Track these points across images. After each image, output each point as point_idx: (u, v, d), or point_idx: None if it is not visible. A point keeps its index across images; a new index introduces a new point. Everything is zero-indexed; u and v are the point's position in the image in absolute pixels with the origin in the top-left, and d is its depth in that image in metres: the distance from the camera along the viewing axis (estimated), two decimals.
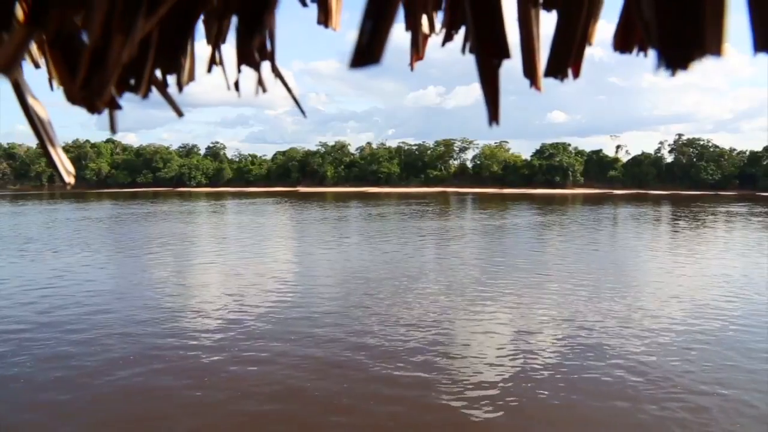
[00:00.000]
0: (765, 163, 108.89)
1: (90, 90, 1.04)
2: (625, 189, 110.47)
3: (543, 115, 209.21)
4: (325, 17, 1.27)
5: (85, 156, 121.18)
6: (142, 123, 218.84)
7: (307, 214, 54.28)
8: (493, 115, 1.06)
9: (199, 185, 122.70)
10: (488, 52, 1.03)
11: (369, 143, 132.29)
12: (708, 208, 61.62)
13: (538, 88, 1.12)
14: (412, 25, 1.24)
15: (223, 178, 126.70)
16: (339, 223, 45.76)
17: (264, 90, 1.31)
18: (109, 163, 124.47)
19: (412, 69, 1.40)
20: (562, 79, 1.11)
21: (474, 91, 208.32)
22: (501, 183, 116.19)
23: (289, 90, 1.33)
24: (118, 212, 56.27)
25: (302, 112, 1.43)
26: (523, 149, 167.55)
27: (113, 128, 1.20)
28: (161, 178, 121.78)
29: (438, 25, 1.36)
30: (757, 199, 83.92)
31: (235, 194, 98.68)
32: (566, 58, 1.09)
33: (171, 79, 1.21)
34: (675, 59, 0.89)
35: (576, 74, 1.12)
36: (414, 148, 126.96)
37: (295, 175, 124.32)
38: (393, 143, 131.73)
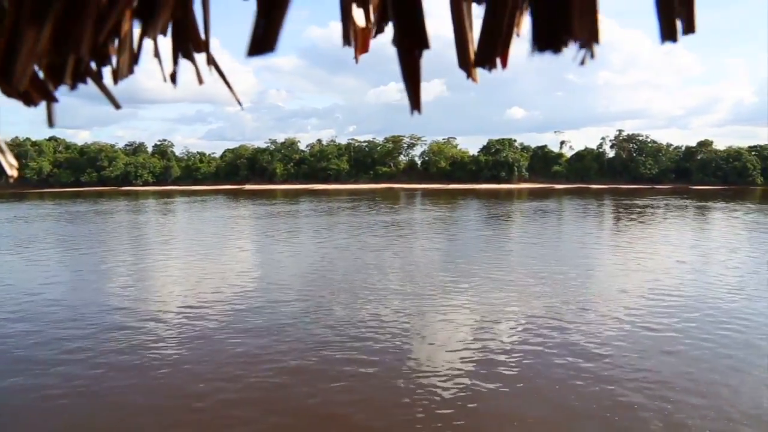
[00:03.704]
0: (699, 158, 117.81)
1: (7, 80, 1.06)
2: (569, 183, 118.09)
3: (502, 111, 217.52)
4: None
5: (26, 154, 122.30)
6: (96, 120, 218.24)
7: (254, 212, 58.61)
8: (415, 104, 1.15)
9: (146, 184, 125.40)
10: (409, 43, 1.11)
11: (319, 140, 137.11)
12: (644, 202, 69.64)
13: (473, 79, 1.18)
14: (344, 17, 1.29)
15: (171, 177, 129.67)
16: (289, 219, 50.02)
17: (201, 82, 1.37)
18: (51, 162, 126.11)
19: (356, 61, 1.46)
20: (490, 69, 1.16)
21: (435, 88, 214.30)
22: (448, 179, 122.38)
23: (226, 81, 1.38)
24: (59, 212, 59.35)
25: (239, 103, 1.50)
26: (481, 145, 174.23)
27: (50, 122, 1.25)
28: (106, 177, 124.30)
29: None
30: (690, 193, 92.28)
31: (181, 193, 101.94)
32: (493, 49, 1.13)
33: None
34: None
35: (504, 65, 1.16)
36: (364, 144, 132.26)
37: (244, 173, 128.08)
38: (343, 140, 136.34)
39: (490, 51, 1.15)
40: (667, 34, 1.13)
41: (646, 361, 12.73)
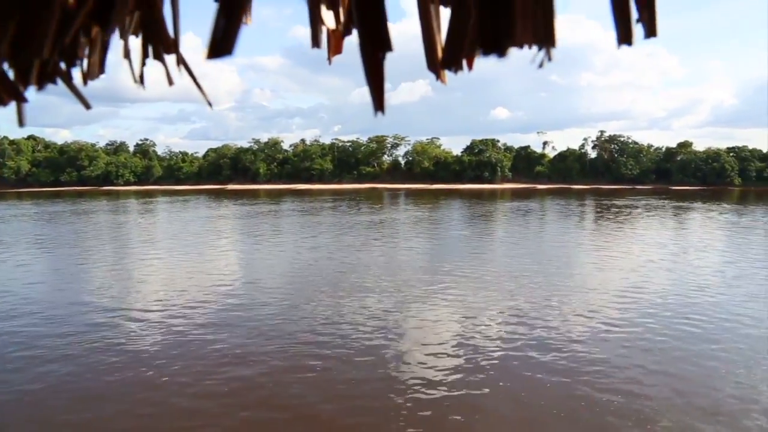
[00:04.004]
0: (679, 159, 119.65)
1: None
2: (551, 184, 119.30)
3: (487, 112, 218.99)
4: None
5: (3, 153, 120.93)
6: (77, 118, 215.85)
7: (237, 212, 58.62)
8: (378, 106, 1.18)
9: (127, 184, 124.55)
10: (372, 46, 1.13)
11: (303, 140, 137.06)
12: (622, 202, 70.60)
13: (442, 80, 1.21)
14: (312, 20, 1.31)
15: (153, 176, 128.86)
16: (272, 219, 50.03)
17: (170, 83, 1.38)
18: (30, 161, 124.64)
19: (329, 62, 1.47)
20: (455, 72, 1.18)
21: (420, 88, 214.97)
22: (432, 179, 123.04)
23: (196, 82, 1.38)
24: (37, 211, 58.91)
25: (209, 104, 1.50)
26: (466, 145, 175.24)
27: (20, 122, 1.25)
28: (87, 177, 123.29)
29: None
30: (670, 193, 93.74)
31: (163, 192, 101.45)
32: (459, 51, 1.15)
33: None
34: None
35: (470, 67, 1.18)
36: (347, 144, 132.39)
37: (227, 173, 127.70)
38: (328, 140, 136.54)
39: (456, 53, 1.16)
40: (623, 37, 1.17)
41: (601, 355, 13.18)
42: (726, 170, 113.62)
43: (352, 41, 1.33)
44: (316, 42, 1.35)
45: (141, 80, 1.36)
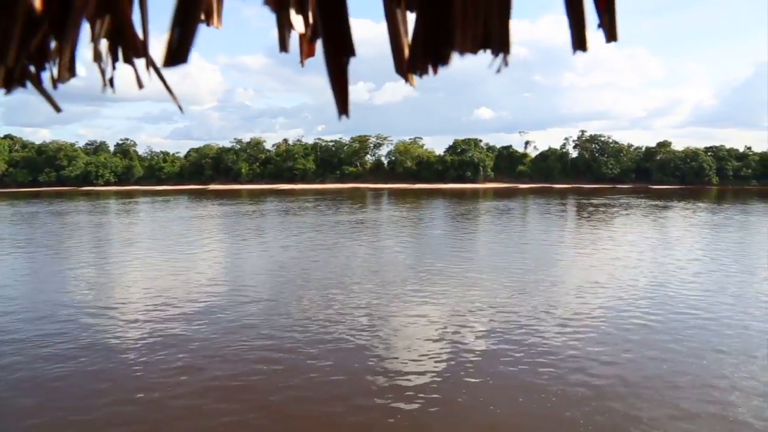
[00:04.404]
0: (658, 158, 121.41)
1: None
2: (533, 183, 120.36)
3: (470, 112, 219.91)
4: (206, 15, 1.32)
5: None
6: (56, 118, 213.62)
7: (217, 212, 58.54)
8: (342, 109, 1.19)
9: (107, 184, 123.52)
10: (335, 51, 1.15)
11: (285, 140, 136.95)
12: (600, 201, 71.52)
13: (411, 83, 1.22)
14: (279, 24, 1.33)
15: (134, 176, 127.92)
16: (253, 219, 49.99)
17: (140, 86, 1.38)
18: (7, 161, 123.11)
19: (302, 65, 1.48)
20: (421, 75, 1.19)
21: (403, 88, 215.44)
22: (415, 178, 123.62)
23: (166, 85, 1.38)
24: (12, 212, 58.37)
25: (179, 108, 1.50)
26: (449, 145, 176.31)
27: None
28: (66, 177, 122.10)
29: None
30: (649, 192, 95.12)
31: (144, 193, 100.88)
32: (423, 55, 1.17)
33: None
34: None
35: (435, 71, 1.19)
36: (330, 144, 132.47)
37: (209, 173, 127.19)
38: (311, 139, 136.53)
39: (421, 58, 1.18)
40: (578, 43, 1.21)
41: (557, 345, 13.75)
42: (704, 169, 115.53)
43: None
44: (283, 47, 1.36)
45: (111, 84, 1.36)
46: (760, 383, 11.60)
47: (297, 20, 1.34)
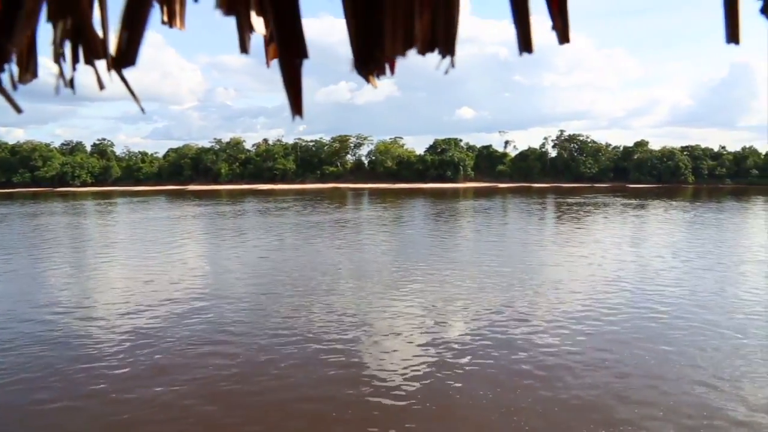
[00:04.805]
0: (636, 157, 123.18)
1: None
2: (513, 182, 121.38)
3: (452, 111, 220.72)
4: (169, 17, 1.33)
5: None
6: (32, 117, 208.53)
7: (196, 212, 58.23)
8: (296, 110, 1.21)
9: (84, 185, 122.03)
10: (289, 53, 1.18)
11: (265, 140, 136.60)
12: (575, 200, 72.36)
13: (373, 84, 1.24)
14: (239, 26, 1.33)
15: (111, 177, 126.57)
16: (233, 220, 49.83)
17: (101, 87, 1.38)
18: None
19: (267, 66, 1.47)
20: (378, 76, 1.22)
21: (385, 88, 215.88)
22: (395, 178, 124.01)
23: (128, 87, 1.38)
24: None
25: (141, 109, 1.51)
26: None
27: None
28: (40, 178, 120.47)
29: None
30: (626, 191, 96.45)
31: (121, 193, 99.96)
32: (359, 58, 1.19)
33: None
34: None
35: (392, 71, 1.21)
36: (311, 144, 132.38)
37: (188, 173, 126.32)
38: (292, 139, 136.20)
39: (371, 59, 1.20)
40: (524, 46, 1.27)
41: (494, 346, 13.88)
42: (680, 168, 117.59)
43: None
44: (243, 48, 1.38)
45: (71, 85, 1.38)
46: (706, 374, 11.98)
47: (258, 22, 1.33)
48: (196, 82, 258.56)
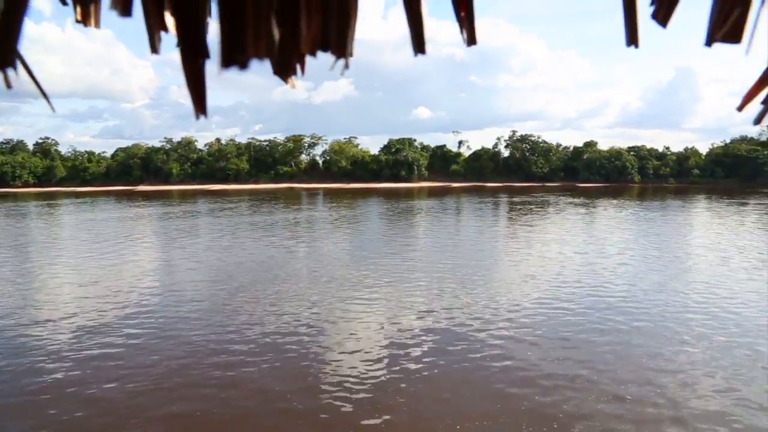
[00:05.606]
0: (585, 157, 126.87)
1: None
2: (466, 182, 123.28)
3: (409, 111, 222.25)
4: (83, 16, 1.31)
5: None
6: None
7: (145, 213, 57.05)
8: (200, 109, 1.24)
9: (26, 185, 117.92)
10: (191, 53, 1.18)
11: (218, 139, 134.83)
12: (522, 199, 73.94)
13: (292, 85, 1.26)
14: (148, 24, 1.32)
15: (55, 177, 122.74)
16: (184, 221, 49.15)
17: (9, 86, 1.32)
18: None
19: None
20: (286, 80, 1.24)
21: (342, 87, 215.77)
22: (350, 178, 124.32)
23: (37, 84, 1.36)
24: None
25: (51, 108, 1.47)
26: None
27: None
28: None
29: None
30: (576, 190, 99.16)
31: (66, 194, 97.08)
32: (290, 57, 1.21)
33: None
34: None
35: (302, 71, 1.24)
36: (264, 144, 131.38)
37: (138, 173, 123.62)
38: (243, 139, 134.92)
39: (288, 60, 1.21)
40: (417, 47, 1.31)
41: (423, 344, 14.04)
42: (627, 168, 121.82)
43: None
44: (154, 48, 1.38)
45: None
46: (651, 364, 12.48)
47: (170, 22, 1.32)
48: (147, 80, 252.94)
